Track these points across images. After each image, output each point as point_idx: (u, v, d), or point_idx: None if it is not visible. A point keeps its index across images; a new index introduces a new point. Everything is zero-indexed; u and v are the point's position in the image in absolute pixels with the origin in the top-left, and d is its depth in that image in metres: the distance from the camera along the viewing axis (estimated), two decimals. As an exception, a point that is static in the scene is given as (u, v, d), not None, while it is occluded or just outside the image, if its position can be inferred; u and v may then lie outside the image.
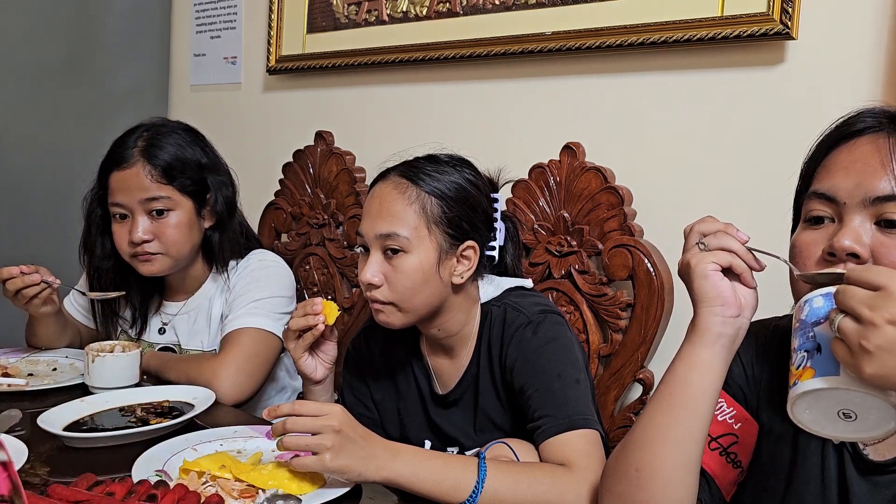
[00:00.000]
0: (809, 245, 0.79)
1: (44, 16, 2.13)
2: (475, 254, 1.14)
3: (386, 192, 1.12)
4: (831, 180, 0.79)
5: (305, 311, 1.14)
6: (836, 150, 0.80)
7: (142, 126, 1.46)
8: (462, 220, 1.12)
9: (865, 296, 0.62)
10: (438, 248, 1.11)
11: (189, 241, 1.46)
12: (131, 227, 1.41)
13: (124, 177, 1.40)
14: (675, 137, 1.38)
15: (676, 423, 0.79)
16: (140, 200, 1.40)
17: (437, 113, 1.75)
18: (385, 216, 1.10)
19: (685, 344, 0.81)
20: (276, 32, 2.04)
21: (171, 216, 1.42)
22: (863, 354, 0.61)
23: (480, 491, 0.93)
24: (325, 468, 0.92)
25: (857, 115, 0.81)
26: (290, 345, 1.17)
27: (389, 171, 1.17)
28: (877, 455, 0.81)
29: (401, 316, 1.13)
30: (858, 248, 0.74)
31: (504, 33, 1.57)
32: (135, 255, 1.43)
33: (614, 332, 1.38)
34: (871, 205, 0.75)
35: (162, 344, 1.56)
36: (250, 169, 2.11)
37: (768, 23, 1.23)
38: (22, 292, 1.39)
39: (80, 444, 1.09)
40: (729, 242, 0.79)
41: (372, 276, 1.10)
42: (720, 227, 0.81)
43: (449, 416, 1.22)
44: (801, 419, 0.69)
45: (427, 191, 1.11)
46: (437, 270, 1.11)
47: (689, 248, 0.82)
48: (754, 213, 1.27)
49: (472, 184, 1.15)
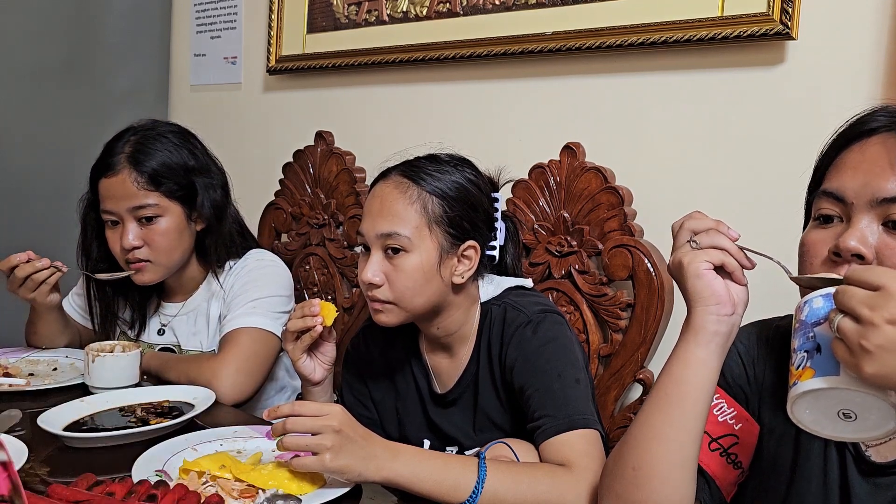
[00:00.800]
0: (816, 244, 0.79)
1: (44, 16, 2.13)
2: (476, 253, 1.14)
3: (387, 191, 1.12)
4: (840, 180, 0.78)
5: (303, 312, 1.14)
6: (848, 148, 0.80)
7: (130, 129, 1.45)
8: (463, 219, 1.12)
9: (865, 296, 0.62)
10: (439, 248, 1.11)
11: (179, 247, 1.46)
12: (122, 234, 1.41)
13: (111, 184, 1.39)
14: (675, 137, 1.38)
15: (672, 422, 0.79)
16: (128, 208, 1.39)
17: (437, 113, 1.75)
18: (386, 215, 1.10)
19: (680, 343, 0.81)
20: (276, 32, 2.04)
21: (160, 222, 1.41)
22: (862, 354, 0.61)
23: (480, 491, 0.93)
24: (324, 468, 0.92)
25: (871, 114, 0.80)
26: (289, 346, 1.16)
27: (390, 170, 1.16)
28: (879, 457, 0.81)
29: (400, 315, 1.13)
30: (863, 250, 0.74)
31: (504, 33, 1.57)
32: (127, 262, 1.43)
33: (614, 332, 1.38)
34: (878, 205, 0.75)
35: (161, 345, 1.56)
36: (250, 169, 2.11)
37: (768, 23, 1.23)
38: (32, 278, 1.40)
39: (80, 444, 1.09)
40: (721, 240, 0.79)
41: (373, 275, 1.10)
42: (711, 224, 0.80)
43: (448, 416, 1.22)
44: (800, 419, 0.69)
45: (428, 190, 1.11)
46: (437, 270, 1.11)
47: (679, 246, 0.81)
48: (754, 212, 1.27)
49: (472, 183, 1.15)
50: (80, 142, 2.11)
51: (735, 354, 0.92)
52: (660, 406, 0.80)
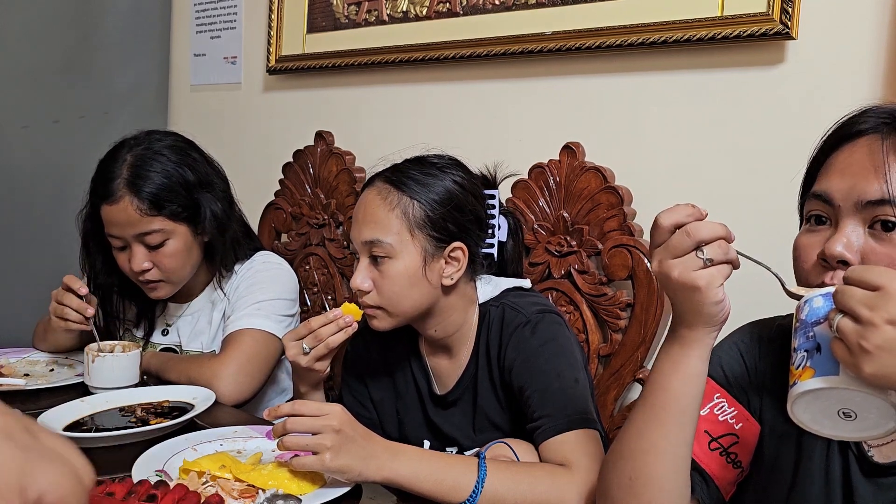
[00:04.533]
0: (807, 248, 0.79)
1: (44, 15, 2.13)
2: (464, 255, 1.14)
3: (370, 198, 1.14)
4: (828, 182, 0.78)
5: (338, 325, 1.14)
6: (838, 150, 0.80)
7: (125, 146, 1.41)
8: (447, 221, 1.12)
9: (864, 296, 0.62)
10: (423, 252, 1.11)
11: (189, 263, 1.45)
12: (130, 258, 1.39)
13: (114, 211, 1.36)
14: (674, 137, 1.38)
15: (669, 436, 0.80)
16: (133, 235, 1.38)
17: (437, 113, 1.75)
18: (368, 223, 1.12)
19: (675, 352, 0.79)
20: (276, 32, 2.04)
21: (167, 245, 1.40)
22: (862, 354, 0.61)
23: (480, 491, 0.93)
24: (325, 468, 0.92)
25: (860, 115, 0.80)
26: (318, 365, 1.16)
27: (376, 176, 1.17)
28: (881, 457, 0.81)
29: (390, 320, 1.15)
30: (848, 256, 0.74)
31: (504, 33, 1.56)
32: (139, 282, 1.43)
33: (614, 331, 1.38)
34: (864, 209, 0.75)
35: (164, 345, 1.56)
36: (250, 169, 2.11)
37: (768, 23, 1.23)
38: (64, 310, 1.38)
39: (80, 444, 1.07)
40: (733, 254, 0.74)
41: (361, 282, 1.12)
42: (721, 233, 0.72)
43: (448, 417, 1.22)
44: (800, 418, 0.69)
45: (409, 195, 1.11)
46: (423, 273, 1.11)
47: (678, 252, 0.72)
48: (754, 212, 1.27)
49: (458, 185, 1.14)
50: (80, 142, 2.12)
51: (736, 353, 0.92)
52: (658, 420, 0.80)
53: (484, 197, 1.20)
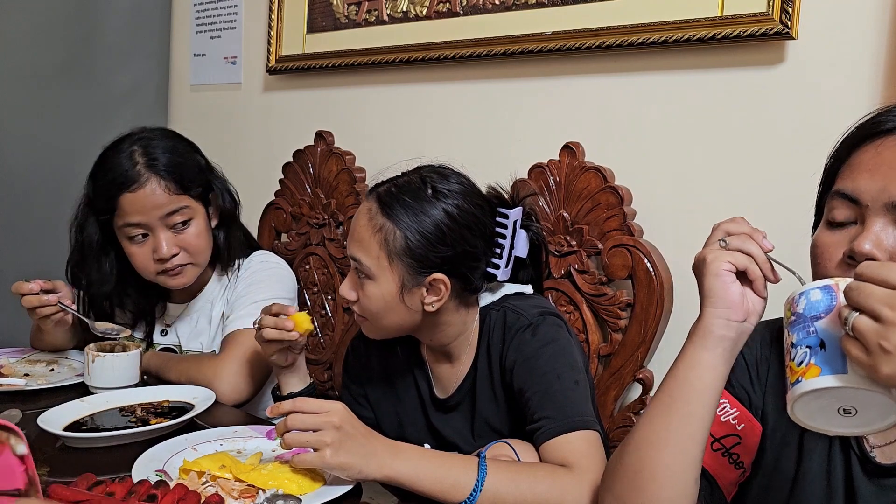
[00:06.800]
0: (830, 247, 0.78)
1: (44, 16, 2.13)
2: (446, 288, 1.10)
3: (361, 214, 1.12)
4: (855, 181, 0.76)
5: (277, 325, 1.19)
6: (863, 148, 0.78)
7: (126, 140, 1.41)
8: (430, 253, 1.08)
9: (885, 294, 0.60)
10: (400, 280, 1.09)
11: (209, 246, 1.47)
12: (155, 245, 1.38)
13: (138, 197, 1.36)
14: (674, 137, 1.38)
15: (674, 426, 0.78)
16: (160, 217, 1.37)
17: (437, 113, 1.75)
18: (355, 239, 1.12)
19: (687, 344, 0.80)
20: (276, 32, 2.04)
21: (192, 225, 1.42)
22: (882, 355, 0.59)
23: (480, 490, 0.93)
24: (325, 465, 0.92)
25: (886, 112, 0.78)
26: (262, 346, 1.24)
27: (374, 189, 1.14)
28: (884, 458, 0.80)
29: (377, 331, 1.16)
30: (878, 254, 0.72)
31: (504, 33, 1.56)
32: (163, 272, 1.41)
33: (614, 331, 1.38)
34: (895, 210, 0.73)
35: (163, 345, 1.56)
36: (250, 169, 2.11)
37: (768, 23, 1.23)
38: (37, 310, 1.38)
39: (80, 444, 1.09)
40: (750, 247, 0.77)
41: (347, 292, 1.14)
42: (747, 229, 0.79)
43: (449, 421, 1.21)
44: (800, 416, 0.68)
45: (394, 222, 1.08)
46: (400, 300, 1.10)
47: (710, 244, 0.80)
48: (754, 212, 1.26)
49: (450, 218, 1.08)
50: (81, 142, 2.11)
51: (739, 354, 0.92)
52: (662, 409, 0.80)
53: (484, 224, 1.13)
